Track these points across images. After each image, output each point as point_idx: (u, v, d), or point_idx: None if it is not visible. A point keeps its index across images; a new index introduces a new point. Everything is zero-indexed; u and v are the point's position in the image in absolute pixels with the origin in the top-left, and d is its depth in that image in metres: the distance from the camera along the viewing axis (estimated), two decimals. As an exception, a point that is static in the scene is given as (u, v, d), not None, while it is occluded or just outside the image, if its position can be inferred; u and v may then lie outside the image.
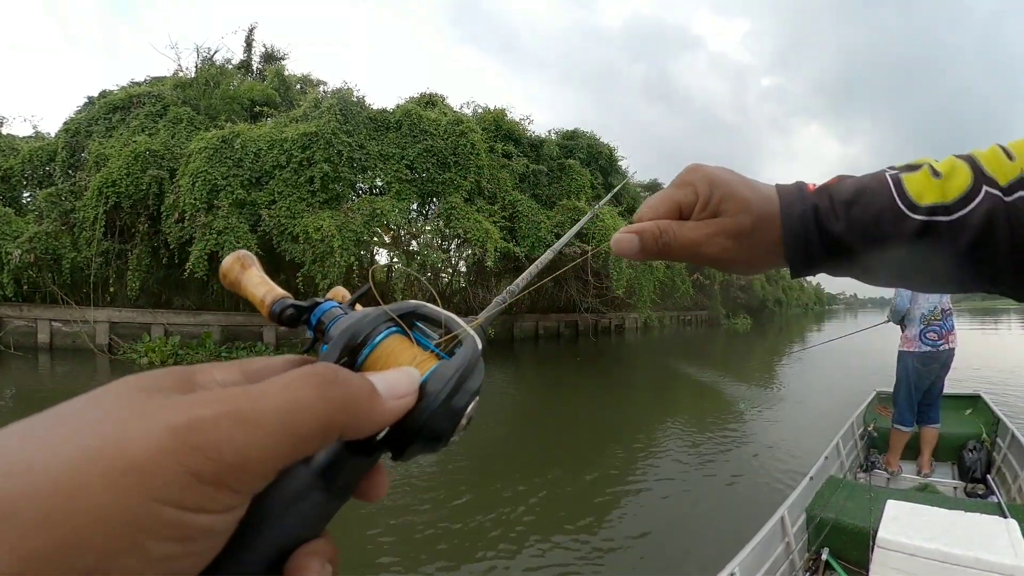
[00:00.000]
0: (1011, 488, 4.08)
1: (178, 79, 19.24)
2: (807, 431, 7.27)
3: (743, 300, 46.39)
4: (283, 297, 0.45)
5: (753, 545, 2.74)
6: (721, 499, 5.07)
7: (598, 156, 19.30)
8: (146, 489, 0.20)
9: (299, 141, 14.17)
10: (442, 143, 15.36)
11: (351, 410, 0.26)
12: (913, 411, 4.61)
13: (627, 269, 16.56)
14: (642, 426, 8.36)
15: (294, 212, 13.76)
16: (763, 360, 17.42)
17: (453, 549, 4.13)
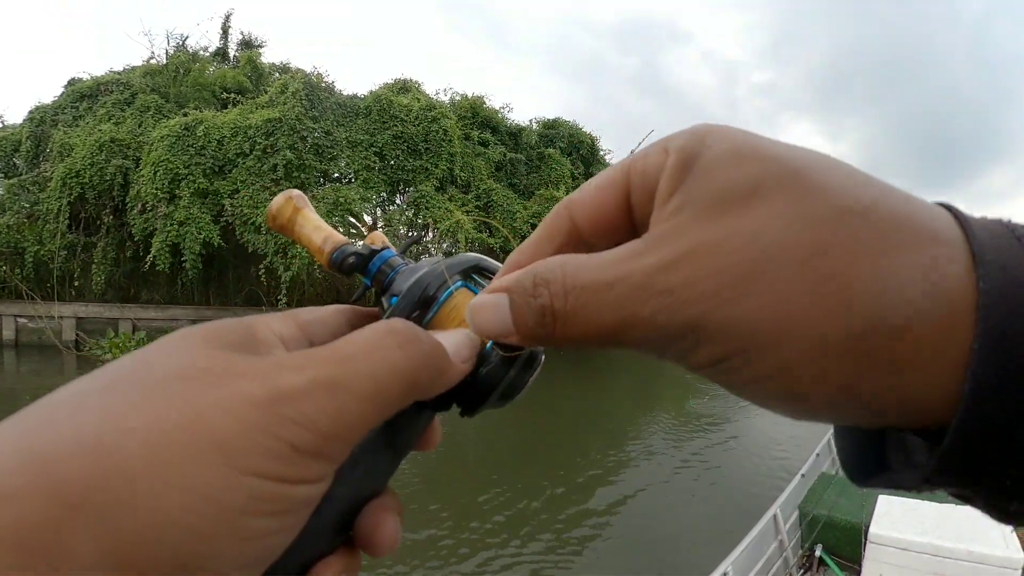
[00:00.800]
0: None
1: (148, 66, 18.59)
2: (797, 428, 7.13)
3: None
4: (345, 244, 0.41)
5: (746, 543, 2.73)
6: (713, 498, 5.05)
7: (579, 145, 18.76)
8: (239, 464, 0.18)
9: (263, 128, 13.63)
10: (413, 129, 14.79)
11: (432, 372, 0.25)
12: None
13: None
14: (628, 426, 8.15)
15: (257, 201, 13.21)
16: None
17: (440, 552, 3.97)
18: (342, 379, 0.21)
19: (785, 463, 5.69)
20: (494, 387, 0.30)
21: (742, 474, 5.66)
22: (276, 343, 0.25)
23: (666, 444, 6.83)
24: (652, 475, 5.71)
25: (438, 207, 13.96)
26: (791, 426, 7.36)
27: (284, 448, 0.19)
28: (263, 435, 0.19)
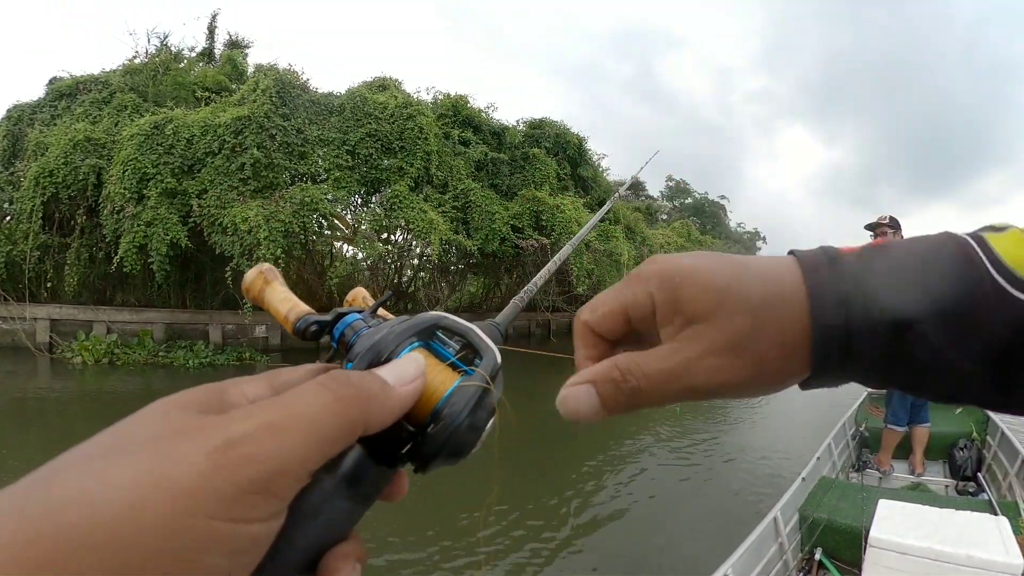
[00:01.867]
0: (1001, 485, 4.12)
1: (129, 66, 18.32)
2: (798, 432, 7.20)
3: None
4: (307, 314, 0.46)
5: (746, 546, 2.73)
6: (713, 501, 4.99)
7: (566, 145, 18.28)
8: (197, 508, 0.21)
9: (231, 126, 13.18)
10: (387, 127, 14.24)
11: (365, 403, 0.28)
12: (907, 411, 4.56)
13: (588, 263, 15.56)
14: (623, 430, 7.90)
15: (224, 202, 12.84)
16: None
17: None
18: (281, 421, 0.25)
19: (784, 467, 5.67)
20: (443, 444, 0.32)
21: (741, 478, 5.62)
22: (244, 404, 0.27)
23: (662, 448, 6.80)
24: (648, 479, 5.68)
25: (411, 207, 13.43)
26: (790, 430, 7.56)
27: (233, 489, 0.22)
28: (214, 479, 0.22)
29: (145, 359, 13.08)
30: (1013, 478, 4.02)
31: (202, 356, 13.40)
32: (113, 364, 12.74)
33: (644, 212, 36.96)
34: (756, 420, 8.62)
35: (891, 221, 4.50)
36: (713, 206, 59.32)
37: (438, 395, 0.33)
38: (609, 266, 16.55)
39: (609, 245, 16.62)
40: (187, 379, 11.33)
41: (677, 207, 55.77)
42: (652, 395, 0.34)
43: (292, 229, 12.38)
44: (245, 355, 13.77)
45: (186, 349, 13.72)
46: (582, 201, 17.04)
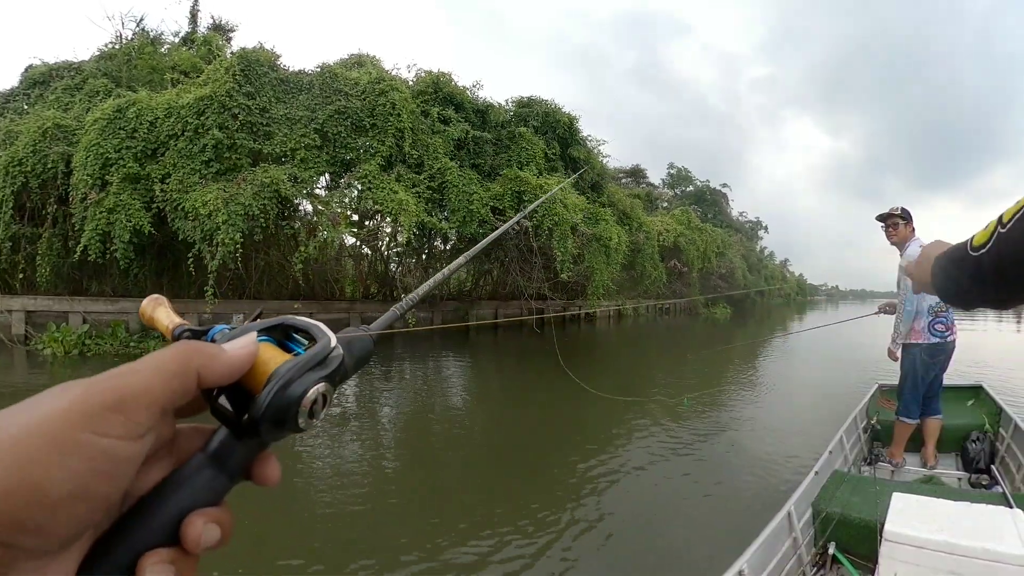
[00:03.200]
0: (1015, 478, 4.06)
1: (104, 51, 18.03)
2: (807, 426, 7.13)
3: (724, 289, 45.44)
4: (180, 324, 0.57)
5: (761, 541, 2.69)
6: (723, 496, 4.91)
7: (555, 125, 17.54)
8: (72, 422, 0.29)
9: (194, 107, 12.57)
10: (358, 103, 13.48)
11: (200, 355, 0.35)
12: (919, 403, 4.54)
13: (573, 248, 14.70)
14: (624, 426, 7.67)
15: (187, 186, 12.27)
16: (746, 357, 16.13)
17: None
18: (135, 365, 0.32)
19: (795, 461, 5.55)
20: (265, 407, 0.37)
21: (751, 472, 5.48)
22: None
23: (670, 442, 6.60)
24: (657, 474, 5.52)
25: (382, 188, 12.70)
26: (800, 423, 7.44)
27: (97, 408, 0.29)
28: (84, 402, 0.29)
29: (116, 350, 12.62)
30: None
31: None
32: (84, 355, 12.29)
33: (643, 199, 36.37)
34: (764, 415, 8.39)
35: (903, 212, 4.49)
36: (715, 194, 58.79)
37: (270, 369, 0.38)
38: (598, 251, 15.83)
39: (598, 228, 15.82)
40: None
41: (678, 195, 55.22)
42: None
43: (252, 212, 11.70)
44: (220, 344, 13.31)
45: (158, 339, 13.24)
46: (571, 182, 16.21)
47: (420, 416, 8.15)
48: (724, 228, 49.61)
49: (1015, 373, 11.70)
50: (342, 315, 16.28)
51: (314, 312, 15.93)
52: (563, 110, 17.83)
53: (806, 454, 5.47)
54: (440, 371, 12.14)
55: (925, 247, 0.92)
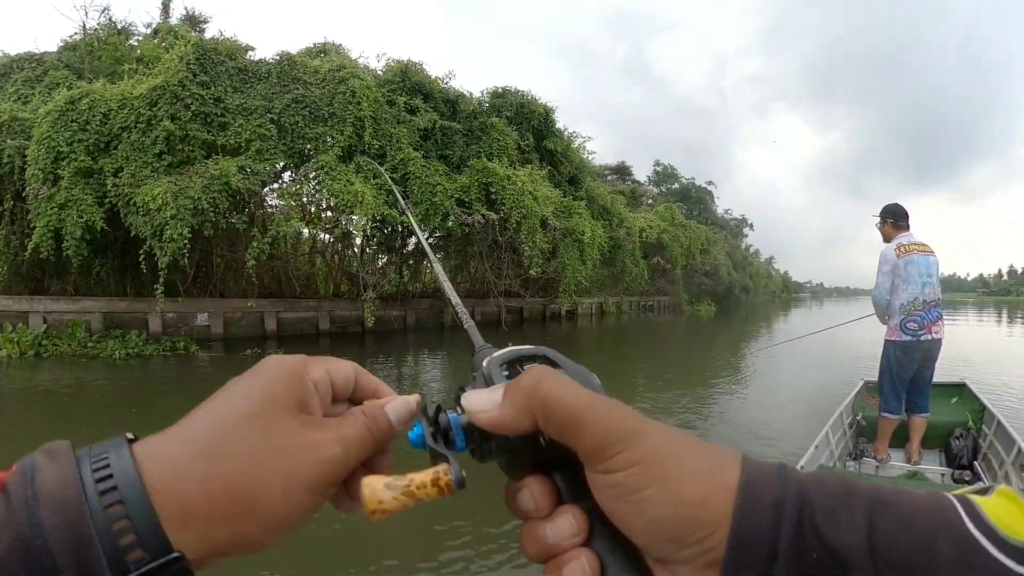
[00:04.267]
0: (997, 474, 4.10)
1: (68, 42, 17.48)
2: (793, 422, 7.16)
3: (708, 286, 45.24)
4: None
5: None
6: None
7: (530, 116, 16.95)
8: (298, 486, 0.34)
9: (147, 97, 11.97)
10: (317, 92, 12.88)
11: (378, 433, 0.40)
12: (899, 398, 4.58)
13: (542, 242, 14.08)
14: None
15: (139, 180, 11.67)
16: (729, 356, 15.91)
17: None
18: (341, 440, 0.37)
19: (782, 456, 5.30)
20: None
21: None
22: (316, 402, 0.39)
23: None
24: None
25: (338, 179, 12.09)
26: (787, 419, 7.42)
27: (317, 478, 0.35)
28: (305, 471, 0.34)
29: (74, 351, 11.99)
30: (1009, 467, 3.98)
31: (131, 347, 12.27)
32: (40, 356, 11.64)
33: (628, 196, 35.93)
34: (751, 409, 8.45)
35: (880, 212, 4.68)
36: (700, 192, 58.80)
37: None
38: (571, 246, 15.23)
39: (571, 223, 15.23)
40: (114, 371, 10.26)
41: (663, 192, 55.12)
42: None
43: (201, 206, 11.10)
44: (179, 344, 12.67)
45: (117, 339, 12.61)
46: (542, 173, 15.51)
47: None
48: (709, 225, 49.41)
49: (1001, 368, 11.95)
50: (310, 313, 15.65)
51: (280, 310, 15.30)
52: (539, 101, 17.22)
53: (793, 448, 5.47)
54: (417, 367, 11.60)
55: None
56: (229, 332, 14.43)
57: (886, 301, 4.56)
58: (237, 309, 14.71)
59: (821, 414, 5.43)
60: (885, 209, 4.64)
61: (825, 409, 5.50)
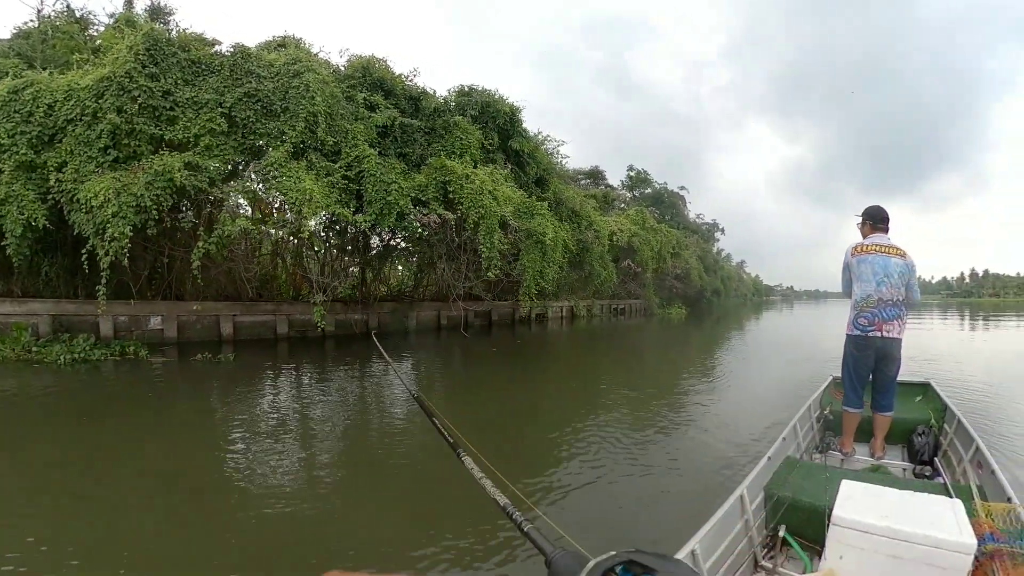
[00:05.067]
0: (956, 470, 4.26)
1: (21, 29, 16.78)
2: (761, 414, 7.28)
3: (679, 289, 45.38)
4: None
5: (713, 523, 2.76)
6: (676, 482, 5.03)
7: (496, 115, 16.52)
8: None
9: (93, 88, 11.39)
10: (270, 85, 12.37)
11: None
12: (858, 393, 4.71)
13: (501, 244, 13.62)
14: (575, 411, 7.81)
15: (83, 175, 11.10)
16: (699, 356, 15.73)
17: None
18: None
19: (749, 447, 5.74)
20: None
21: (704, 458, 5.61)
22: None
23: (624, 428, 6.74)
24: (609, 460, 5.54)
25: (288, 176, 11.59)
26: (754, 411, 7.55)
27: None
28: None
29: (17, 355, 11.36)
30: (967, 463, 4.12)
31: (77, 351, 11.67)
32: (-21, 364, 11.00)
33: (600, 200, 35.87)
34: (720, 402, 8.61)
35: (862, 213, 4.79)
36: (672, 196, 59.12)
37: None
38: (532, 247, 14.78)
39: (532, 223, 14.79)
40: (61, 377, 9.69)
41: (636, 196, 55.36)
42: None
43: (144, 203, 10.59)
44: (129, 348, 12.12)
45: (64, 344, 11.99)
46: (503, 173, 15.09)
47: (353, 421, 7.42)
48: (681, 230, 49.66)
49: (961, 367, 12.26)
50: (267, 317, 15.15)
51: (237, 314, 14.78)
52: (506, 100, 16.88)
53: (763, 441, 5.62)
54: (383, 371, 11.18)
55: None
56: (184, 336, 13.93)
57: (847, 290, 4.78)
58: (192, 312, 14.17)
59: (790, 409, 5.50)
60: (866, 211, 4.75)
61: (794, 404, 5.56)
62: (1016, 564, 2.32)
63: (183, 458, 5.54)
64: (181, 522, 3.99)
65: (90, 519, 3.98)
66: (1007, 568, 2.33)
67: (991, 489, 3.37)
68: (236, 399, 8.42)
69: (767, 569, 3.06)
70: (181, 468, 5.22)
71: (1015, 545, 2.41)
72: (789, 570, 2.99)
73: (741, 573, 2.96)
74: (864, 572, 2.39)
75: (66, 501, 4.32)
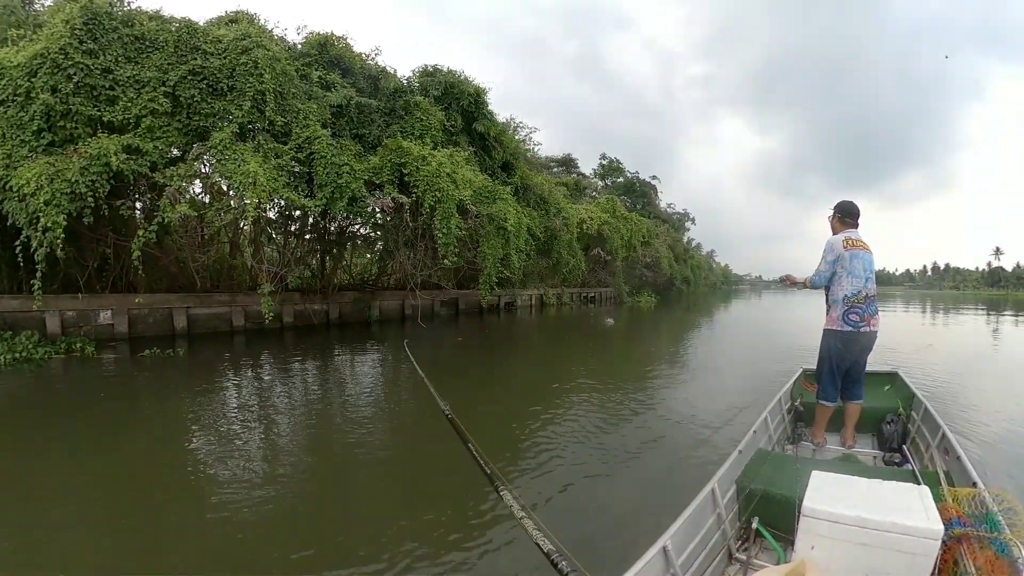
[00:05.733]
0: (924, 457, 4.31)
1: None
2: (732, 406, 7.24)
3: (650, 278, 45.42)
4: None
5: (685, 517, 2.77)
6: (648, 476, 4.97)
7: (460, 96, 15.91)
8: None
9: (26, 66, 10.62)
10: (217, 62, 11.66)
11: None
12: (836, 387, 4.73)
13: (459, 230, 12.98)
14: (538, 402, 7.67)
15: (16, 160, 10.35)
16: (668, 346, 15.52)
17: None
18: None
19: (720, 440, 5.70)
20: None
21: (675, 452, 5.56)
22: None
23: (595, 421, 6.63)
24: (579, 455, 5.44)
25: (233, 159, 10.94)
26: (726, 404, 7.40)
27: None
28: None
29: (-55, 354, 10.59)
30: (934, 450, 4.18)
31: (19, 350, 10.92)
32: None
33: (572, 187, 35.57)
34: (689, 394, 8.50)
35: (833, 208, 4.82)
36: (644, 186, 59.24)
37: None
38: (492, 233, 14.20)
39: (493, 208, 14.16)
40: (2, 378, 9.02)
41: (608, 185, 55.37)
42: None
43: (79, 190, 9.91)
44: (76, 346, 11.38)
45: (5, 342, 11.22)
46: (464, 155, 14.53)
47: (319, 416, 7.08)
48: (652, 219, 49.70)
49: (925, 357, 12.18)
50: (223, 309, 14.50)
51: (190, 306, 14.11)
52: (471, 81, 16.32)
53: (732, 433, 5.65)
54: (351, 366, 10.69)
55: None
56: (136, 331, 13.17)
57: (821, 287, 4.70)
58: (144, 305, 13.47)
59: (761, 401, 5.52)
60: (839, 205, 4.76)
61: (765, 396, 5.56)
62: (982, 547, 2.36)
63: (123, 466, 5.14)
64: (129, 529, 3.83)
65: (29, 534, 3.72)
66: (974, 551, 2.38)
67: (957, 474, 3.44)
68: (179, 398, 7.85)
69: (741, 561, 3.07)
70: (121, 477, 4.86)
71: (980, 529, 2.44)
72: (763, 561, 3.01)
73: (715, 566, 2.97)
74: (835, 561, 2.42)
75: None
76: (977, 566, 2.31)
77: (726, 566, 3.05)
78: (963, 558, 2.38)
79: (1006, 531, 2.37)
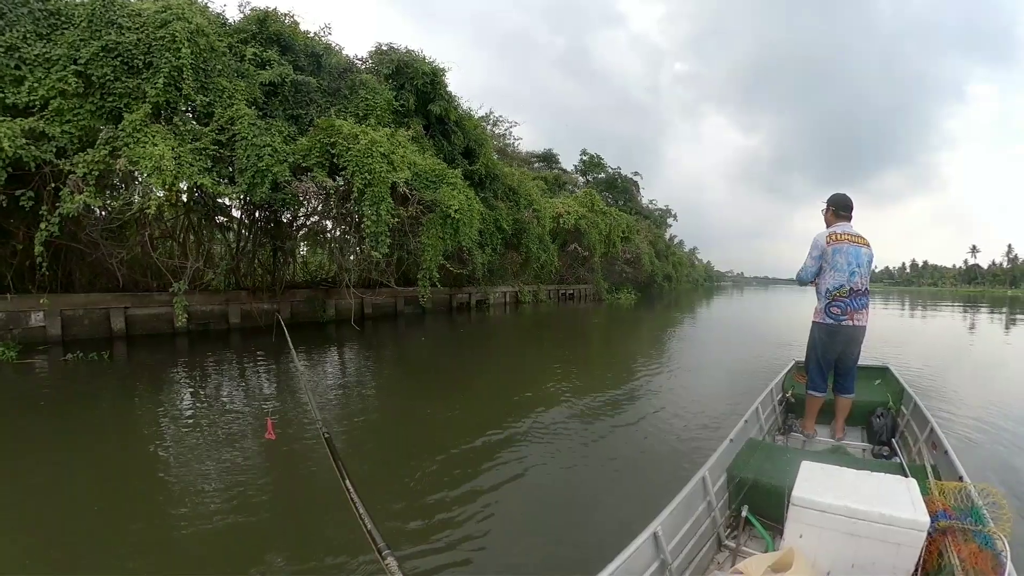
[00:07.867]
0: (912, 450, 4.40)
1: None
2: (724, 396, 7.37)
3: (630, 274, 44.78)
4: None
5: (675, 504, 2.82)
6: (638, 464, 5.03)
7: (414, 76, 14.81)
8: None
9: (-78, 45, 9.69)
10: (132, 37, 10.62)
11: None
12: (824, 378, 4.85)
13: (388, 216, 11.67)
14: (528, 393, 7.74)
15: None
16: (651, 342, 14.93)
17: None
18: None
19: (712, 430, 5.88)
20: None
21: (667, 440, 5.67)
22: None
23: (588, 412, 6.73)
24: (573, 444, 5.55)
25: (142, 142, 9.92)
26: (717, 394, 7.63)
27: None
28: None
29: None
30: (922, 444, 4.23)
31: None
32: None
33: (551, 182, 34.71)
34: (681, 385, 8.57)
35: (826, 201, 4.83)
36: (626, 182, 58.81)
37: None
38: (434, 221, 13.03)
39: (436, 194, 12.95)
40: None
41: (590, 181, 54.91)
42: None
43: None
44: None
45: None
46: (407, 135, 13.49)
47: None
48: (633, 215, 49.15)
49: (909, 351, 12.55)
50: (164, 309, 13.45)
51: (128, 306, 13.08)
52: (427, 60, 15.29)
53: (724, 423, 5.75)
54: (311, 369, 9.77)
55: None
56: (70, 333, 12.23)
57: (807, 283, 4.78)
58: (78, 306, 12.44)
59: (753, 392, 5.44)
60: (832, 197, 4.77)
61: (757, 388, 5.56)
62: (967, 540, 2.37)
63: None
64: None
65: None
66: (958, 544, 2.40)
67: (944, 468, 3.46)
68: (84, 407, 7.01)
69: (730, 548, 3.10)
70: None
71: (966, 522, 2.45)
72: (752, 549, 3.04)
73: (705, 552, 3.00)
74: (822, 549, 2.45)
75: None
76: (961, 558, 2.34)
77: (715, 552, 3.10)
78: (947, 550, 2.41)
79: (990, 524, 2.36)
